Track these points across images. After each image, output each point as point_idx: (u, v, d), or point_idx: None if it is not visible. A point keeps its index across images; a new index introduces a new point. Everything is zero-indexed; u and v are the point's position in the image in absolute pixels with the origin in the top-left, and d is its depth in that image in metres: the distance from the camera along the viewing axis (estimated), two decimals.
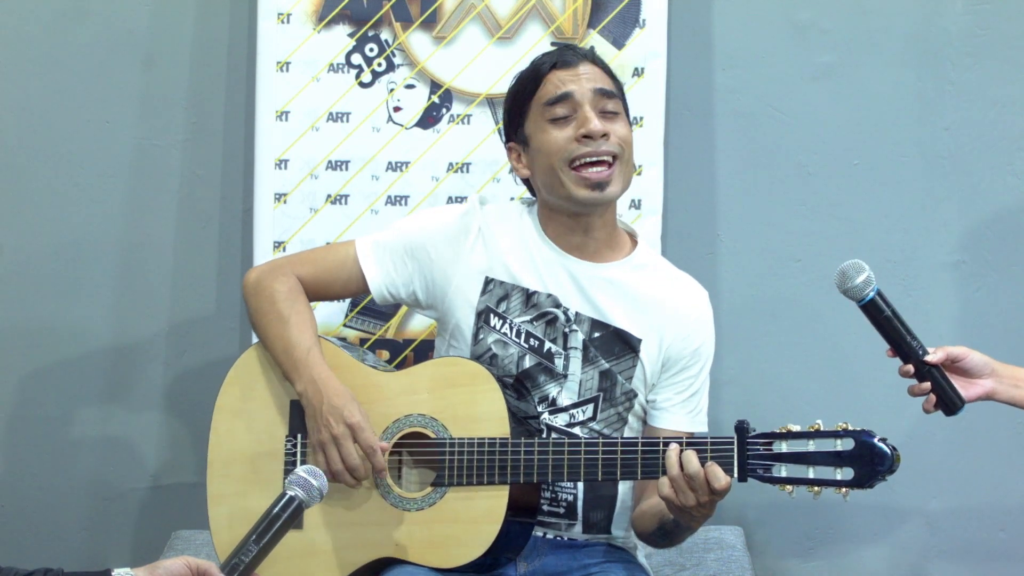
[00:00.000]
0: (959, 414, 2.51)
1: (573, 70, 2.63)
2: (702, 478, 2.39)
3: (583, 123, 2.59)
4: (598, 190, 2.59)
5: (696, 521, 2.49)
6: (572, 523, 2.68)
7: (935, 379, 2.49)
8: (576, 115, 2.61)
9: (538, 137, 2.63)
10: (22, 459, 3.45)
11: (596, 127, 2.58)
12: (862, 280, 2.46)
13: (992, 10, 3.37)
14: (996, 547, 3.45)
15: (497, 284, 2.67)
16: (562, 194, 2.62)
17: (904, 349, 2.49)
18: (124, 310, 3.42)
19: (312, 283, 2.74)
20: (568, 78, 2.63)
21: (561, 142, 2.60)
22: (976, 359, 2.53)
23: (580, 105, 2.61)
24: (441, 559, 2.56)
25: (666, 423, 2.68)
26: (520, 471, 2.53)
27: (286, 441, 2.67)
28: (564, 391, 2.65)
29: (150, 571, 2.08)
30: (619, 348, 2.65)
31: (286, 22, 3.28)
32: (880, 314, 2.48)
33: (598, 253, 2.68)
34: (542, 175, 2.65)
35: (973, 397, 2.53)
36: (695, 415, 2.71)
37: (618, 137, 2.61)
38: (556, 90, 2.62)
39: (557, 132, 2.61)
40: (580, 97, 2.61)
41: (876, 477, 2.35)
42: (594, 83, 2.63)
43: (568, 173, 2.60)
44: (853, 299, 2.48)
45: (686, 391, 2.69)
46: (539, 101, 2.63)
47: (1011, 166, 3.40)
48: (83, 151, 3.40)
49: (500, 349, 2.66)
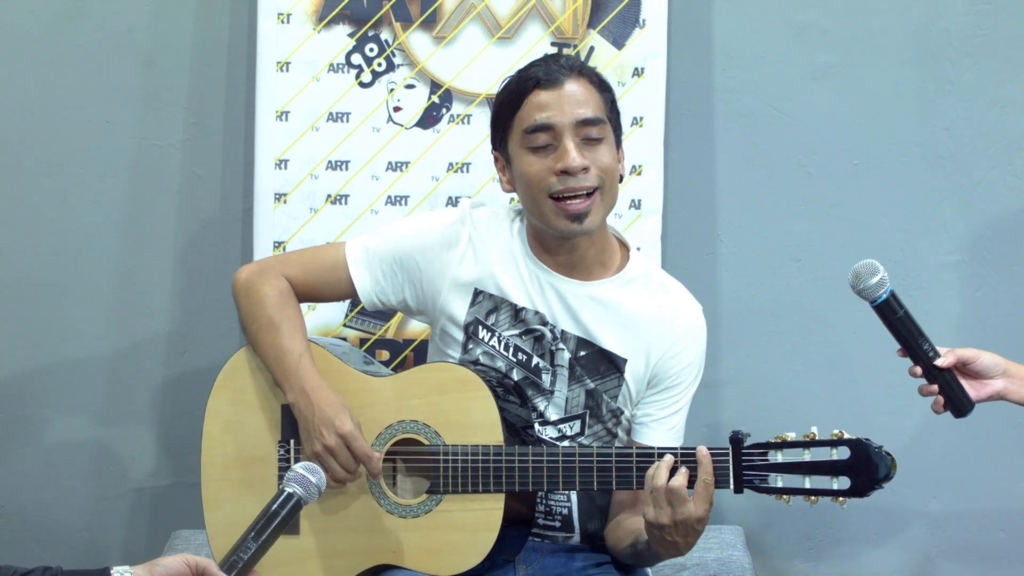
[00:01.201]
0: (968, 416, 2.51)
1: (557, 91, 2.54)
2: (683, 492, 2.37)
3: (562, 156, 2.52)
4: (577, 222, 2.54)
5: (666, 548, 2.44)
6: (569, 535, 2.67)
7: (945, 381, 2.48)
8: (556, 145, 2.54)
9: (518, 162, 2.58)
10: (22, 459, 3.45)
11: (575, 163, 2.51)
12: (876, 281, 2.44)
13: (992, 10, 3.37)
14: (996, 548, 3.45)
15: (486, 297, 2.66)
16: (543, 221, 2.58)
17: (915, 350, 2.48)
18: (124, 310, 3.42)
19: (302, 285, 2.71)
20: (550, 102, 2.54)
21: (541, 173, 2.54)
22: (987, 360, 2.52)
23: (560, 135, 2.53)
24: (438, 566, 2.55)
25: (643, 439, 2.65)
26: (515, 479, 2.51)
27: (279, 447, 2.66)
28: (551, 406, 2.64)
29: (149, 569, 2.08)
30: (604, 367, 2.63)
31: (286, 22, 3.27)
32: (893, 315, 2.46)
33: (587, 270, 2.64)
34: (523, 199, 2.61)
35: (984, 397, 2.52)
36: (673, 432, 2.67)
37: (599, 168, 2.54)
38: (536, 118, 2.54)
39: (537, 162, 2.55)
40: (560, 127, 2.53)
41: (873, 487, 2.34)
42: (576, 109, 2.54)
43: (547, 203, 2.54)
44: (866, 299, 2.46)
45: (667, 408, 2.66)
46: (519, 124, 2.57)
47: (1011, 166, 3.40)
48: (83, 151, 3.39)
49: (488, 361, 2.65)
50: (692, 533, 2.41)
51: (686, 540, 2.42)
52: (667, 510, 2.38)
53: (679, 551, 2.45)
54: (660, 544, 2.44)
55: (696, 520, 2.38)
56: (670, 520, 2.38)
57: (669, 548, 2.44)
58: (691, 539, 2.43)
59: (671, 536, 2.41)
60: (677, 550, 2.45)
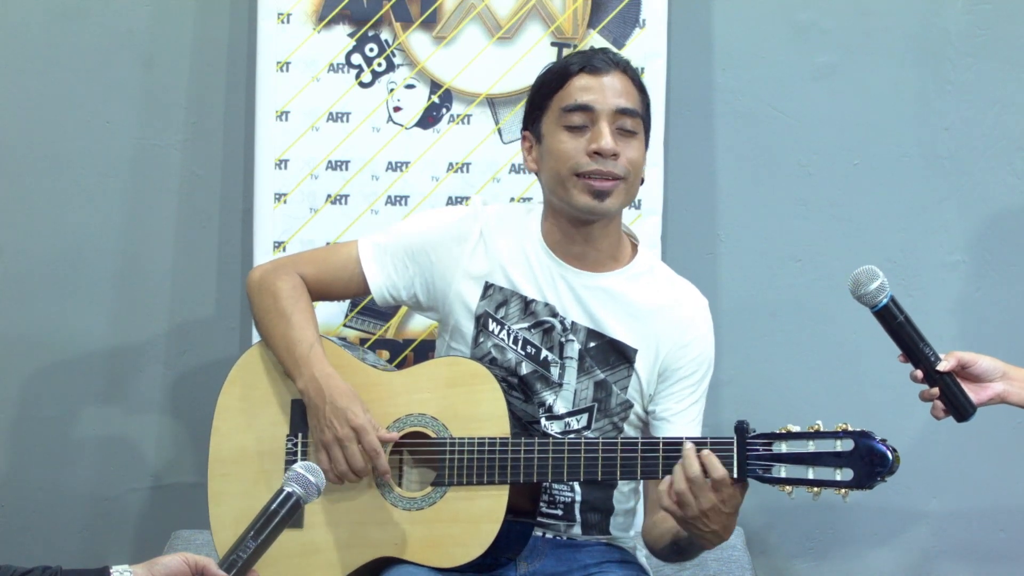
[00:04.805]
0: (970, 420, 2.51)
1: (600, 78, 2.60)
2: (701, 479, 2.38)
3: (596, 138, 2.57)
4: (598, 199, 2.57)
5: (707, 539, 2.44)
6: (571, 524, 2.68)
7: (946, 385, 2.47)
8: (592, 127, 2.58)
9: (551, 139, 2.62)
10: (22, 459, 3.44)
11: (608, 145, 2.56)
12: (875, 287, 2.44)
13: (992, 10, 3.37)
14: (996, 547, 3.45)
15: (496, 290, 2.67)
16: (564, 198, 2.61)
17: (916, 355, 2.47)
18: (124, 310, 3.42)
19: (315, 282, 2.74)
20: (593, 86, 2.60)
21: (571, 152, 2.58)
22: (986, 364, 2.51)
23: (597, 119, 2.58)
24: (441, 559, 2.55)
25: (668, 434, 2.65)
26: (520, 471, 2.53)
27: (287, 440, 2.67)
28: (559, 399, 2.65)
29: (148, 568, 2.08)
30: (614, 358, 2.65)
31: (286, 22, 3.28)
32: (894, 320, 2.46)
33: (598, 263, 2.67)
34: (548, 176, 2.64)
35: (984, 400, 2.51)
36: (694, 424, 2.69)
37: (627, 159, 2.59)
38: (577, 98, 2.59)
39: (570, 140, 2.59)
40: (599, 111, 2.58)
41: (875, 478, 2.34)
42: (617, 99, 2.60)
43: (573, 179, 2.58)
44: (866, 305, 2.46)
45: (685, 400, 2.68)
46: (559, 103, 2.61)
47: (1011, 166, 3.40)
48: (83, 151, 3.39)
49: (499, 354, 2.66)
50: (724, 516, 2.40)
51: (720, 519, 2.41)
52: (693, 502, 2.38)
53: (721, 537, 2.44)
54: (702, 538, 2.45)
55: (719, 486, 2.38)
56: (697, 511, 2.39)
57: (708, 534, 2.43)
58: (727, 522, 2.42)
59: (706, 525, 2.41)
60: (718, 536, 2.44)
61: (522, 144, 2.71)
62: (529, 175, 3.13)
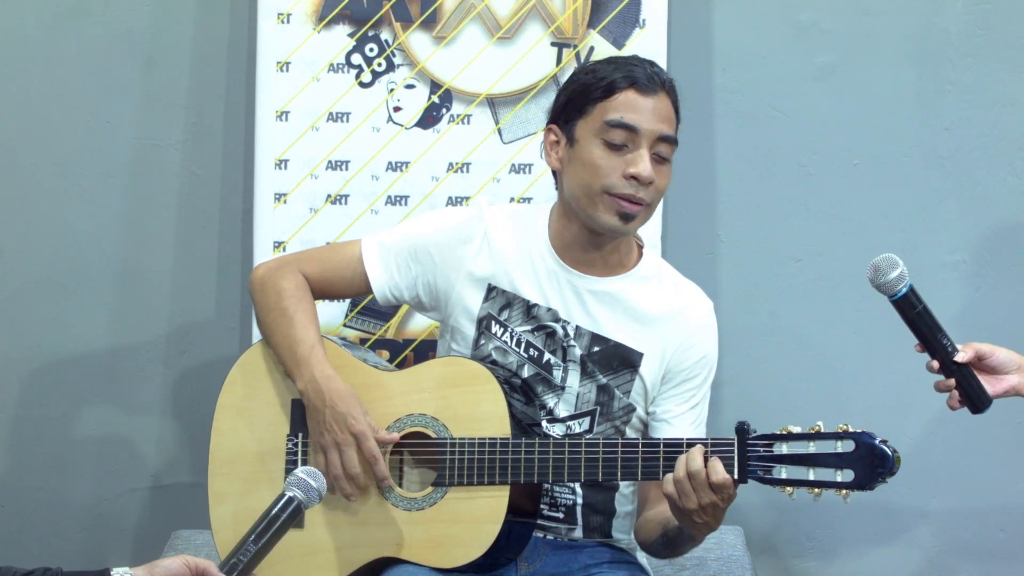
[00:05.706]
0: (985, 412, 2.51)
1: (651, 99, 2.56)
2: (703, 476, 2.39)
3: (636, 162, 2.54)
4: (623, 221, 2.56)
5: (698, 529, 2.46)
6: (572, 527, 2.68)
7: (963, 376, 2.47)
8: (631, 149, 2.55)
9: (586, 148, 2.58)
10: (22, 459, 3.45)
11: (646, 173, 2.54)
12: (896, 275, 2.43)
13: (992, 10, 3.37)
14: (996, 547, 3.46)
15: (499, 292, 2.67)
16: (587, 210, 2.58)
17: (933, 345, 2.47)
18: (124, 310, 3.42)
19: (317, 281, 2.74)
20: (642, 107, 2.55)
21: (607, 170, 2.55)
22: (1003, 356, 2.51)
23: (639, 142, 2.55)
24: (441, 559, 2.55)
25: (670, 434, 2.65)
26: (520, 471, 2.52)
27: (287, 440, 2.67)
28: (561, 403, 2.65)
29: (149, 570, 2.08)
30: (617, 363, 2.64)
31: (286, 22, 3.28)
32: (912, 310, 2.45)
33: (606, 267, 2.66)
34: (575, 184, 2.60)
35: (999, 392, 2.51)
36: (697, 426, 2.69)
37: (656, 188, 2.57)
38: (623, 115, 2.55)
39: (607, 157, 2.56)
40: (642, 134, 2.55)
41: (877, 479, 2.34)
42: (660, 124, 2.56)
43: (602, 196, 2.56)
44: (886, 294, 2.45)
45: (688, 402, 2.68)
46: (602, 114, 2.56)
47: (1011, 166, 3.40)
48: (83, 151, 3.39)
49: (500, 356, 2.66)
50: (720, 511, 2.42)
51: (715, 515, 2.43)
52: (692, 496, 2.39)
53: (711, 528, 2.46)
54: (693, 527, 2.46)
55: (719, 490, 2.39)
56: (696, 504, 2.39)
57: (701, 526, 2.45)
58: (720, 515, 2.43)
59: (701, 518, 2.42)
60: (707, 527, 2.45)
61: (546, 136, 2.66)
62: (529, 175, 3.14)
